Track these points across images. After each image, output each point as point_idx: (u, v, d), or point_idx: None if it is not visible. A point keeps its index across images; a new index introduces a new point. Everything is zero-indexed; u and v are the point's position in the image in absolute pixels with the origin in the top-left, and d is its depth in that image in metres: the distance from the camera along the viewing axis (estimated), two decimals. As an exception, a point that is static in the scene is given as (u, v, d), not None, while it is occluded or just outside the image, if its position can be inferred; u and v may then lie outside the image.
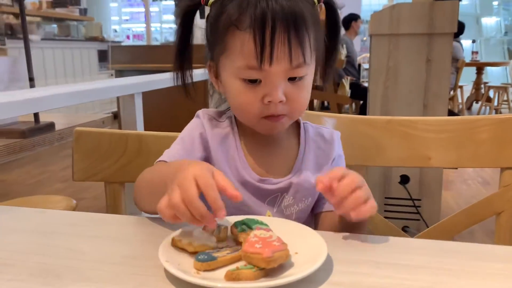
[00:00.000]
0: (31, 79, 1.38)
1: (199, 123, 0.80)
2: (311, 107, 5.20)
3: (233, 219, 0.61)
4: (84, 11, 5.78)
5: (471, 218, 1.05)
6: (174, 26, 0.80)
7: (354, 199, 0.59)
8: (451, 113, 2.98)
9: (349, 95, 4.52)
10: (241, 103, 0.71)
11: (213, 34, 0.72)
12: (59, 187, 2.99)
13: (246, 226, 0.57)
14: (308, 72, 0.71)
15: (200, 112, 0.82)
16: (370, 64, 2.47)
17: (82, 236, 0.62)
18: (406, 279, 0.49)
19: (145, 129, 1.09)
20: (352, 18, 5.37)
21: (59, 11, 5.47)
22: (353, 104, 5.54)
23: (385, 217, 2.58)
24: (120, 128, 1.36)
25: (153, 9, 7.78)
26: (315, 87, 0.79)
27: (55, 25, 5.53)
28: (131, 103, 1.37)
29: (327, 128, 0.85)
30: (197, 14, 0.77)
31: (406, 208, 2.47)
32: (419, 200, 2.45)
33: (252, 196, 0.76)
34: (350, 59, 5.21)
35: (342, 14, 5.91)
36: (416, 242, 0.60)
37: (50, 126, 1.35)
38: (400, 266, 0.53)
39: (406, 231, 2.28)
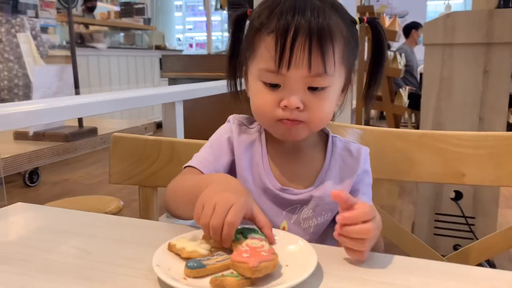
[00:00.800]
0: (76, 87, 1.49)
1: (228, 128, 0.82)
2: (367, 118, 5.09)
3: None
4: (148, 21, 6.07)
5: (508, 240, 0.99)
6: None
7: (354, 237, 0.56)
8: (510, 127, 2.80)
9: (406, 105, 4.38)
10: (259, 104, 0.72)
11: (246, 39, 0.75)
12: (115, 188, 3.14)
13: (242, 235, 0.58)
14: (332, 84, 0.71)
15: (231, 117, 0.85)
16: (423, 75, 2.39)
17: (92, 236, 0.66)
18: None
19: (190, 137, 1.13)
20: (413, 26, 5.22)
21: (125, 21, 5.78)
22: (413, 115, 5.36)
23: (435, 234, 2.48)
24: (162, 134, 1.43)
25: (215, 18, 7.98)
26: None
27: (121, 34, 5.85)
28: (172, 110, 1.42)
29: (356, 143, 0.84)
30: (247, 24, 0.80)
31: (458, 225, 2.35)
32: (473, 218, 2.32)
33: (271, 204, 0.77)
34: (409, 68, 5.05)
35: (406, 21, 5.76)
36: (415, 262, 0.58)
37: (93, 131, 1.43)
38: (388, 285, 0.51)
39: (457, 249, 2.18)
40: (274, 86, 0.70)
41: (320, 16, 0.66)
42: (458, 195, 2.32)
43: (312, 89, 0.69)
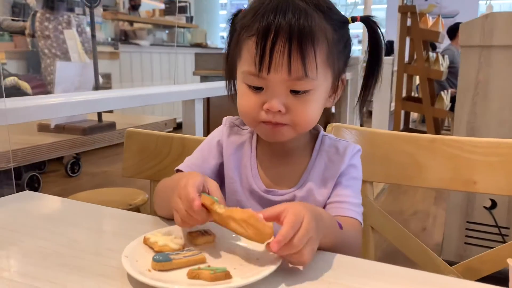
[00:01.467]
0: (96, 83, 1.56)
1: (219, 131, 0.84)
2: (406, 120, 4.96)
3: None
4: (190, 19, 6.18)
5: (519, 252, 0.95)
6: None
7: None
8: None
9: (448, 108, 4.23)
10: (243, 105, 0.73)
11: (233, 40, 0.75)
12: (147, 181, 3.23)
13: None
14: (315, 88, 0.70)
15: (225, 119, 0.86)
16: (459, 77, 2.31)
17: (83, 226, 0.70)
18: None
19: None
20: (459, 27, 5.02)
21: (168, 19, 5.91)
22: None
23: (466, 243, 2.39)
24: (182, 131, 1.46)
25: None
26: (411, 99, 0.78)
27: (165, 32, 5.99)
28: (191, 108, 1.45)
29: (346, 142, 0.82)
30: None
31: (491, 235, 2.26)
32: (507, 228, 2.23)
33: (258, 205, 0.78)
34: (454, 69, 4.87)
35: (456, 21, 5.55)
36: (383, 267, 0.57)
37: (111, 125, 1.49)
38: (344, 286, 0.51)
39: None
40: (257, 89, 0.70)
41: (301, 18, 0.65)
42: (492, 204, 2.23)
43: (295, 92, 0.69)
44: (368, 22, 0.74)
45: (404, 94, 4.66)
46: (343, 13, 0.75)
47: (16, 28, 4.10)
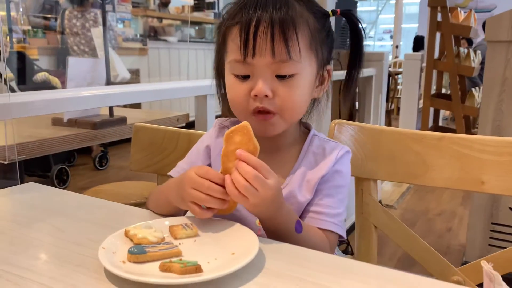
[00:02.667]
0: (108, 79, 1.60)
1: (209, 134, 0.87)
2: (436, 118, 4.83)
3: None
4: (218, 15, 6.20)
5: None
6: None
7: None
8: None
9: (479, 106, 4.09)
10: (232, 96, 0.74)
11: (220, 34, 0.76)
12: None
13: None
14: (300, 72, 0.71)
15: (216, 120, 0.88)
16: (485, 74, 2.23)
17: (72, 217, 0.72)
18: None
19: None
20: (493, 22, 4.83)
21: (196, 15, 5.96)
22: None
23: (490, 245, 2.33)
24: (195, 127, 1.48)
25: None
26: (441, 96, 0.78)
27: (196, 28, 6.05)
28: (203, 104, 1.46)
29: (334, 143, 0.82)
30: None
31: (517, 237, 2.18)
32: (534, 230, 2.15)
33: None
34: (487, 66, 4.70)
35: (493, 15, 5.35)
36: (356, 265, 0.56)
37: (122, 120, 1.52)
38: (319, 285, 0.50)
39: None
40: (244, 78, 0.71)
41: (282, 7, 0.68)
42: (519, 205, 2.15)
43: (281, 77, 0.70)
44: (349, 16, 0.78)
45: (434, 91, 4.54)
46: (374, 7, 0.77)
47: (48, 25, 4.24)
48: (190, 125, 1.61)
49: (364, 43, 0.79)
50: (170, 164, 1.18)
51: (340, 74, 2.69)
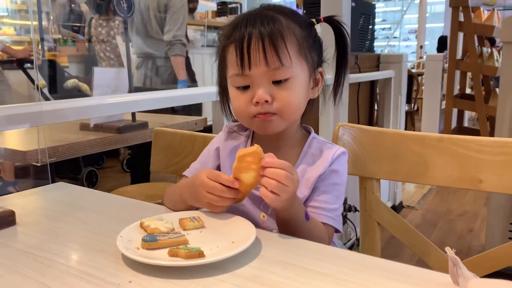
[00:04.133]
0: (130, 87, 1.70)
1: (219, 138, 0.95)
2: (460, 119, 4.79)
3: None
4: (241, 20, 6.28)
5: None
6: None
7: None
8: None
9: (503, 106, 4.04)
10: (236, 106, 0.83)
11: (218, 54, 0.86)
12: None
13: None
14: (294, 76, 0.80)
15: (225, 125, 0.97)
16: (501, 75, 2.24)
17: (96, 212, 0.82)
18: (301, 282, 0.55)
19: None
20: (519, 20, 4.76)
21: (219, 20, 6.08)
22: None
23: (508, 245, 2.32)
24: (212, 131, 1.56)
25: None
26: (464, 96, 0.85)
27: (216, 33, 6.16)
28: (219, 108, 1.54)
29: (332, 145, 0.89)
30: None
31: (536, 238, 2.18)
32: (553, 231, 2.14)
33: (248, 200, 0.86)
34: (512, 66, 4.63)
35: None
36: (344, 254, 0.63)
37: (144, 124, 1.61)
38: (306, 271, 0.58)
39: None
40: (245, 88, 0.80)
41: (270, 22, 0.77)
42: (537, 205, 2.15)
43: (277, 82, 0.78)
44: (331, 21, 0.86)
45: (458, 91, 4.51)
46: (399, 7, 0.84)
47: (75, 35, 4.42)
48: (208, 129, 1.69)
49: (349, 47, 0.87)
50: (187, 165, 1.26)
51: (357, 77, 2.72)
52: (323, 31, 0.92)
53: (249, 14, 0.80)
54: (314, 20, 0.85)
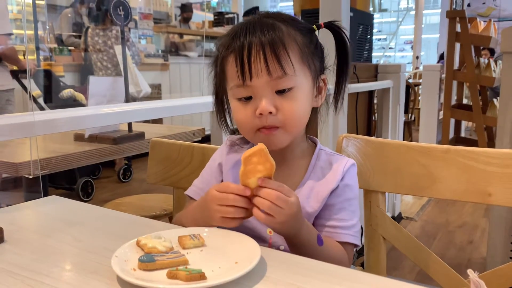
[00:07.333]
0: (127, 96, 1.67)
1: (220, 152, 0.91)
2: (457, 129, 4.78)
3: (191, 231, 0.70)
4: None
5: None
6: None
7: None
8: None
9: (501, 116, 4.03)
10: (238, 119, 0.79)
11: (217, 66, 0.82)
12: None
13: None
14: (297, 85, 0.76)
15: (226, 138, 0.93)
16: (501, 85, 2.22)
17: (90, 228, 0.77)
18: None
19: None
20: (515, 31, 4.78)
21: (216, 30, 6.08)
22: (512, 127, 4.90)
23: (511, 258, 2.29)
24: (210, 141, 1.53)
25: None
26: (462, 106, 0.82)
27: (213, 43, 6.16)
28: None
29: (341, 156, 0.86)
30: None
31: (539, 251, 2.14)
32: (557, 243, 2.11)
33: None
34: (509, 76, 4.64)
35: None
36: (357, 275, 0.59)
37: (140, 135, 1.58)
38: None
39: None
40: (247, 99, 0.76)
41: (270, 30, 0.73)
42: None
43: (280, 92, 0.75)
44: (332, 27, 0.82)
45: (454, 102, 4.50)
46: (395, 18, 0.81)
47: (74, 43, 4.39)
48: (207, 138, 1.66)
49: (349, 51, 0.84)
50: (185, 177, 1.22)
51: (355, 87, 2.70)
52: (323, 38, 0.89)
53: (248, 22, 0.77)
54: (314, 26, 0.81)
